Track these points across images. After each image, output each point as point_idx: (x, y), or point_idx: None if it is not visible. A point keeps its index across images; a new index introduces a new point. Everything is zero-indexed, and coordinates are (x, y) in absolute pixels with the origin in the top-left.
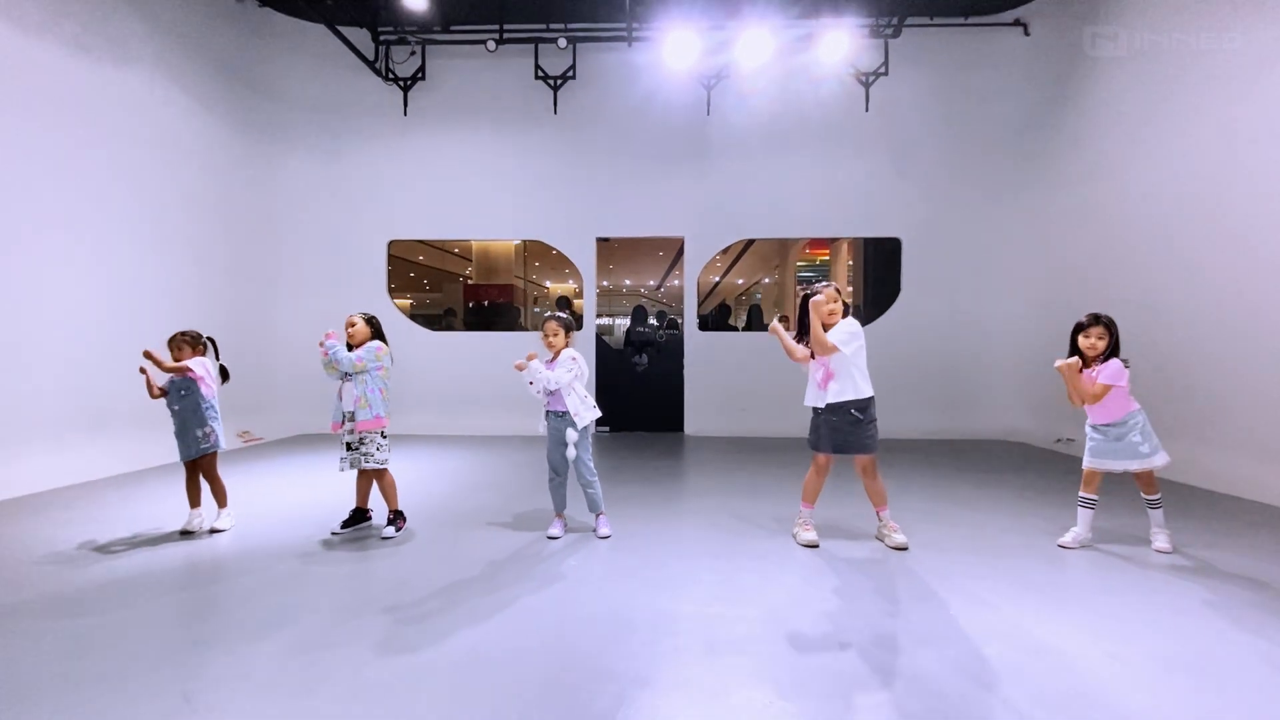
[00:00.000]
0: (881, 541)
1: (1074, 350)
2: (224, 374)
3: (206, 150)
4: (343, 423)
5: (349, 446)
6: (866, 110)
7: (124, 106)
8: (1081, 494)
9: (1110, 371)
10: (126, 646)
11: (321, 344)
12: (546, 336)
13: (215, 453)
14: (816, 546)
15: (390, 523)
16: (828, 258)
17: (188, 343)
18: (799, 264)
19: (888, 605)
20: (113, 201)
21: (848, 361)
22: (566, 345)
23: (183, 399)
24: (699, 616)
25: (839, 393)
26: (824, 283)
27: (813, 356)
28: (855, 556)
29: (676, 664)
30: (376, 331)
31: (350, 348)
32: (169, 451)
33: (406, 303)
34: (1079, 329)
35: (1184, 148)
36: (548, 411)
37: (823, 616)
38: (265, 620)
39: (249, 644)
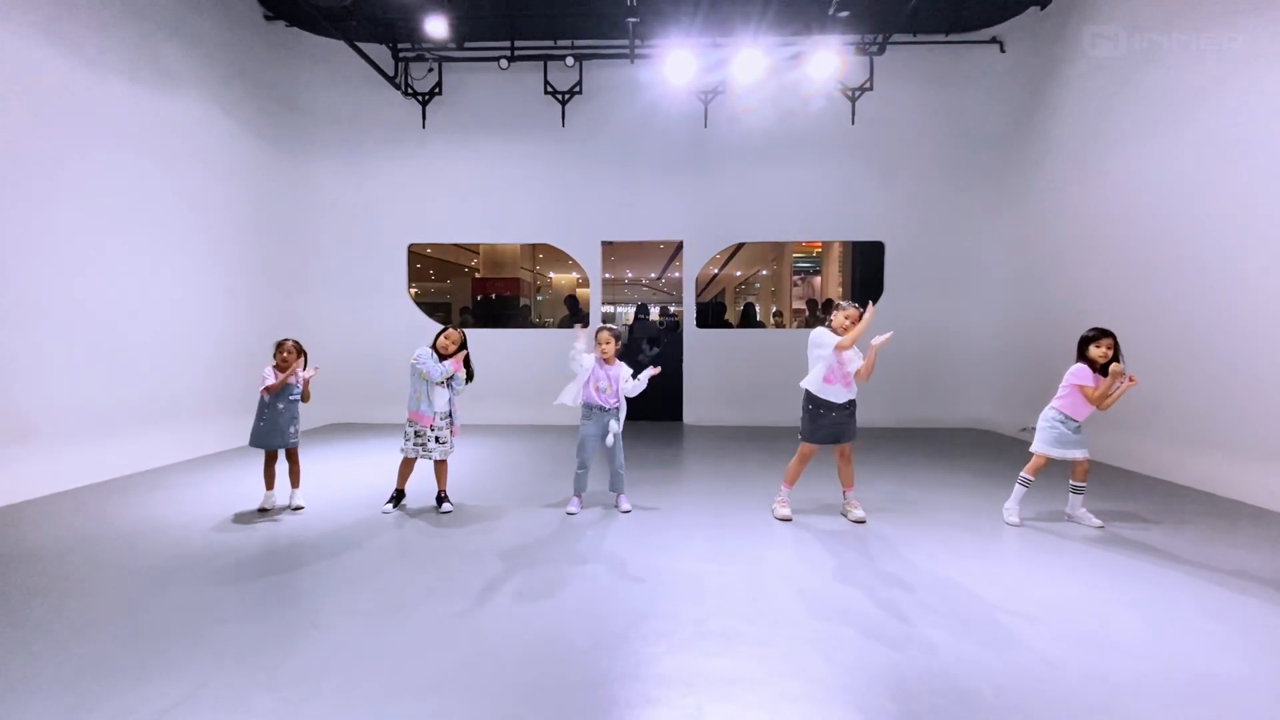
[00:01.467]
0: (844, 517)
1: (1084, 358)
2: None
3: (241, 163)
4: (434, 418)
5: (438, 440)
6: (853, 123)
7: (172, 128)
8: (1028, 475)
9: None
10: (255, 594)
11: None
12: (600, 345)
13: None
14: (790, 520)
15: (445, 499)
16: (821, 250)
17: (298, 349)
18: (795, 255)
19: (840, 563)
20: (166, 216)
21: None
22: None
23: (290, 402)
24: (691, 572)
25: (849, 393)
26: (848, 302)
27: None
28: (822, 529)
29: (672, 602)
30: (462, 348)
31: (439, 354)
32: (223, 439)
33: (413, 292)
34: (1089, 341)
35: (1150, 156)
36: (593, 406)
37: (787, 571)
38: (358, 572)
39: (355, 589)
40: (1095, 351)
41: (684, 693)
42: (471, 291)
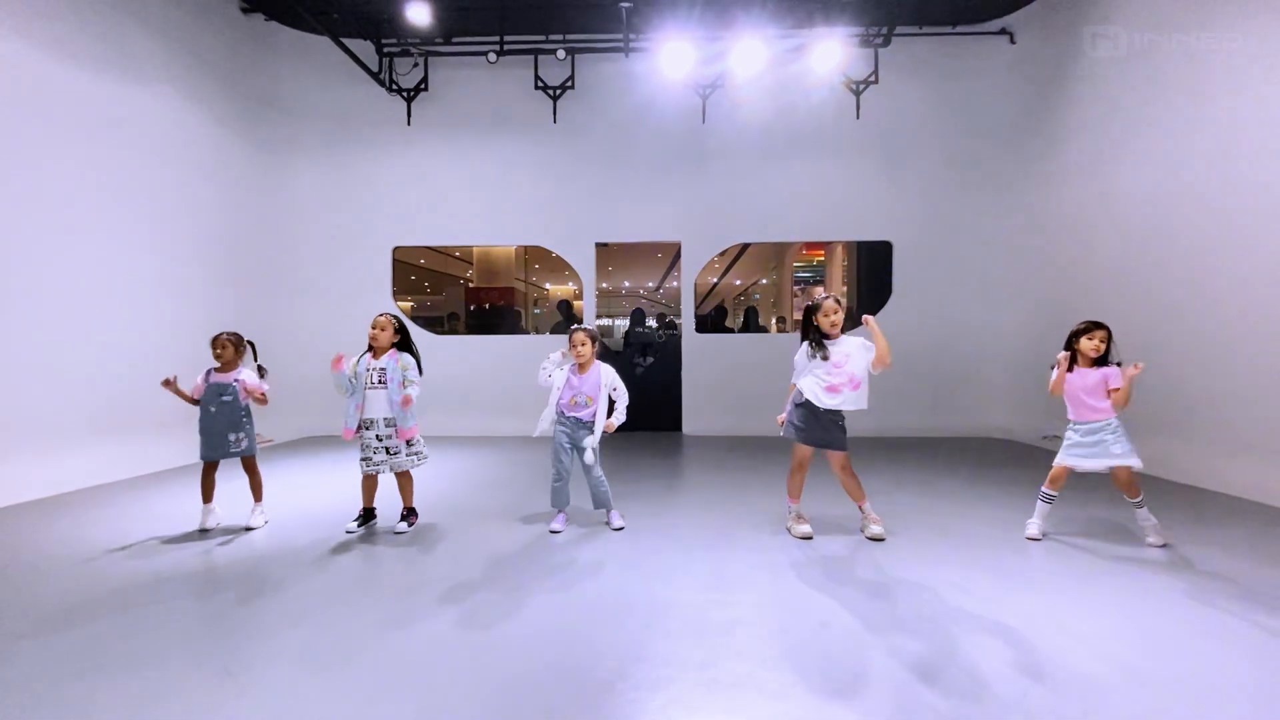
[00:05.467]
0: (862, 533)
1: (1072, 351)
2: (261, 372)
3: (216, 162)
4: (358, 430)
5: (389, 451)
6: (857, 118)
7: (140, 123)
8: (1047, 489)
9: (1116, 372)
10: (166, 635)
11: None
12: (575, 347)
13: (254, 453)
14: (811, 538)
15: (403, 518)
16: (823, 258)
17: (232, 342)
18: (796, 264)
19: (863, 591)
20: (131, 215)
21: (867, 375)
22: (594, 355)
23: (223, 404)
24: (692, 605)
25: (855, 400)
26: (824, 294)
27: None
28: (838, 550)
29: (671, 642)
30: (404, 337)
31: (372, 350)
32: (185, 454)
33: (408, 305)
34: (1079, 334)
35: (1165, 151)
36: (567, 416)
37: (804, 602)
38: (302, 604)
39: (294, 625)
40: (1086, 344)
41: None
42: (465, 301)
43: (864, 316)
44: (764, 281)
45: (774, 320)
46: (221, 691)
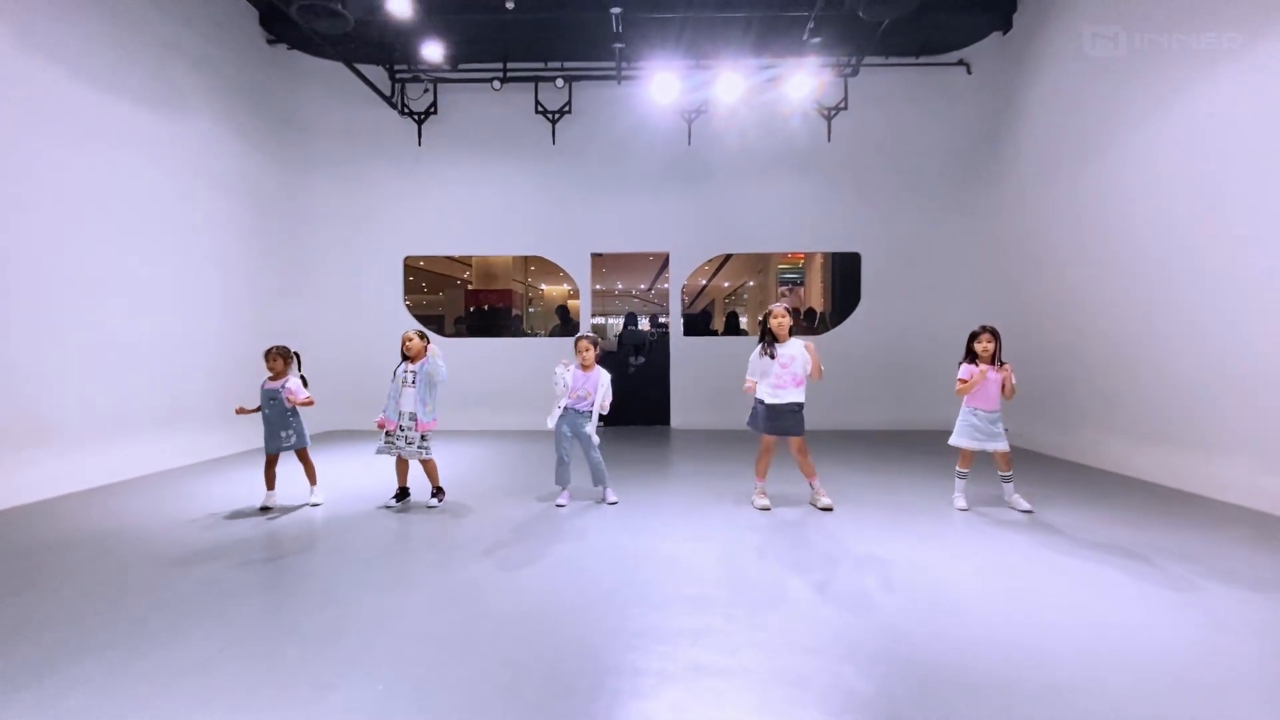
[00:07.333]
0: (814, 505)
1: (970, 352)
2: (303, 382)
3: (244, 177)
4: (398, 420)
5: (407, 441)
6: (829, 140)
7: (180, 144)
8: (959, 468)
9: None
10: (272, 574)
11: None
12: (580, 353)
13: (304, 446)
14: (769, 510)
15: (433, 495)
16: (804, 261)
17: (282, 356)
18: (781, 266)
19: (807, 543)
20: (174, 229)
21: (804, 374)
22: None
23: (273, 406)
24: (669, 551)
25: (796, 395)
26: (777, 304)
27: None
28: (794, 517)
29: (651, 574)
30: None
31: (406, 358)
32: (225, 445)
33: (405, 303)
34: (974, 336)
35: (1098, 171)
36: (569, 409)
37: (758, 550)
38: (365, 555)
39: (364, 567)
40: (977, 346)
41: (659, 640)
42: (464, 303)
43: (807, 343)
44: (751, 283)
45: (759, 320)
46: (324, 609)
